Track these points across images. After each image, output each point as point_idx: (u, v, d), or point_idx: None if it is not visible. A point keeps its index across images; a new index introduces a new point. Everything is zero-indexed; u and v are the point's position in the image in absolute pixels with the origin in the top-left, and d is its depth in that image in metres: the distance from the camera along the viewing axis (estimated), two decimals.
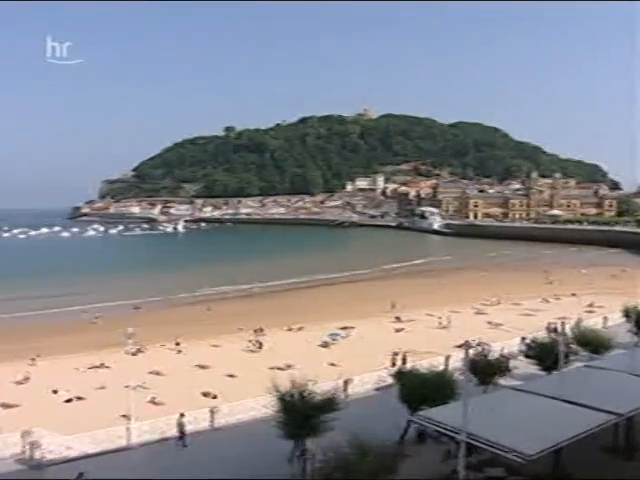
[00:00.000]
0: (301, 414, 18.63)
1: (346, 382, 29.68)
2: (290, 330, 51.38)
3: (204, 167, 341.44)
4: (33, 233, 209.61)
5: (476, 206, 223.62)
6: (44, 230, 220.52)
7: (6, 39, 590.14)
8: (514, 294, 65.71)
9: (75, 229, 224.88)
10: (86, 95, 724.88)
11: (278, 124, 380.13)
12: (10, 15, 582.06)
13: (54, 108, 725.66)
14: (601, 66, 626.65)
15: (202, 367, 39.54)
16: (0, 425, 27.26)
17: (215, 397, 31.79)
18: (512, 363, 27.72)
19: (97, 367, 39.97)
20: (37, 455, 22.33)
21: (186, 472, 20.75)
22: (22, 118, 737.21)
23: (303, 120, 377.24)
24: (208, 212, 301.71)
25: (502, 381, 25.64)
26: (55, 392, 34.34)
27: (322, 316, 56.32)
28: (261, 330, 48.85)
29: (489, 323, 51.94)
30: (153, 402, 31.48)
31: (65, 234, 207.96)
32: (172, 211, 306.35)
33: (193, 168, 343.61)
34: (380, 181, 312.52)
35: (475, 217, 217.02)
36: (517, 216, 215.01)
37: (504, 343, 36.34)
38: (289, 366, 37.45)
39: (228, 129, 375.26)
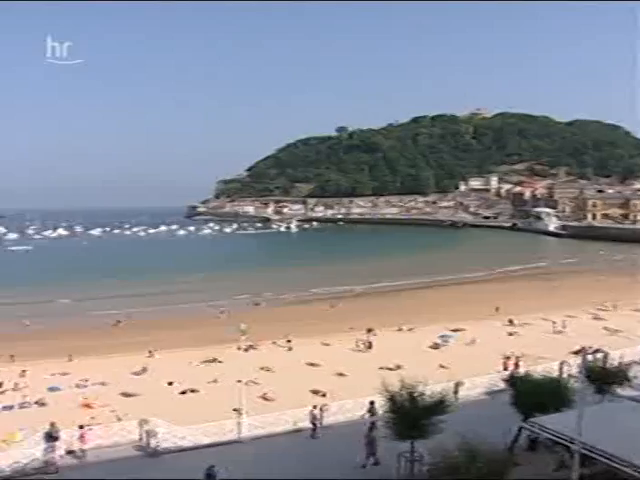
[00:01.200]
0: (410, 415, 18.09)
1: (457, 385, 28.62)
2: (400, 330, 50.66)
3: (317, 167, 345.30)
4: (152, 231, 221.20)
5: (594, 207, 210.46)
6: (162, 228, 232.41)
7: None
8: (634, 300, 61.16)
9: (191, 227, 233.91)
10: (209, 99, 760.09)
11: (390, 124, 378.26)
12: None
13: (179, 112, 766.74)
14: None
15: (312, 365, 39.70)
16: (120, 413, 28.73)
17: (324, 395, 31.69)
18: (632, 372, 25.47)
19: (210, 361, 41.19)
20: (153, 443, 23.06)
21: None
22: (149, 124, 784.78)
23: (415, 120, 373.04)
24: (320, 212, 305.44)
25: (620, 391, 23.74)
26: (170, 384, 35.72)
27: (433, 317, 55.14)
28: (371, 330, 48.38)
29: (607, 329, 48.64)
30: (264, 397, 31.88)
31: (182, 232, 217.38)
32: (285, 210, 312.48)
33: (306, 168, 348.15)
34: (494, 181, 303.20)
35: (593, 218, 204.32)
36: (639, 217, 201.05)
37: (623, 351, 33.61)
38: (399, 367, 36.84)
39: (340, 129, 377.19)
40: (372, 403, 24.24)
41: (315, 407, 25.44)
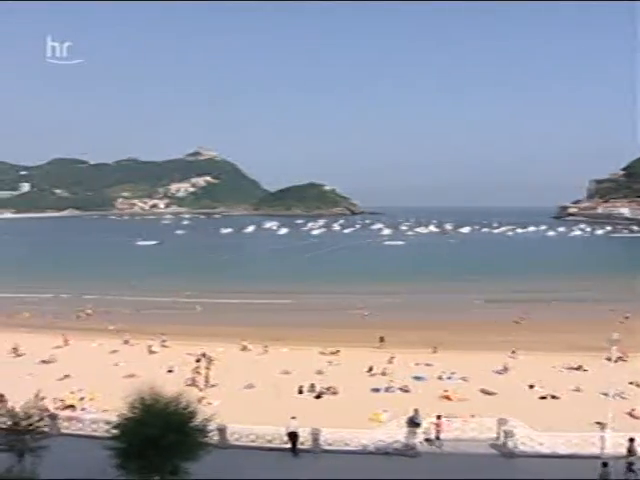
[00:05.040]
0: None
1: None
2: None
3: None
4: (520, 231, 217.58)
5: None
6: (531, 228, 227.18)
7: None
8: None
9: (561, 228, 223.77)
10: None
11: None
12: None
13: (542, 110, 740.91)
14: None
15: None
16: (478, 409, 29.31)
17: None
18: None
19: (574, 369, 39.20)
20: (510, 444, 22.97)
21: None
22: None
23: None
24: None
25: None
26: (531, 387, 34.96)
27: None
28: None
29: None
30: (631, 414, 29.13)
31: (551, 233, 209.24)
32: None
33: None
34: None
35: None
36: None
37: None
38: None
39: None
40: None
41: None
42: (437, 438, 23.82)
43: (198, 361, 41.90)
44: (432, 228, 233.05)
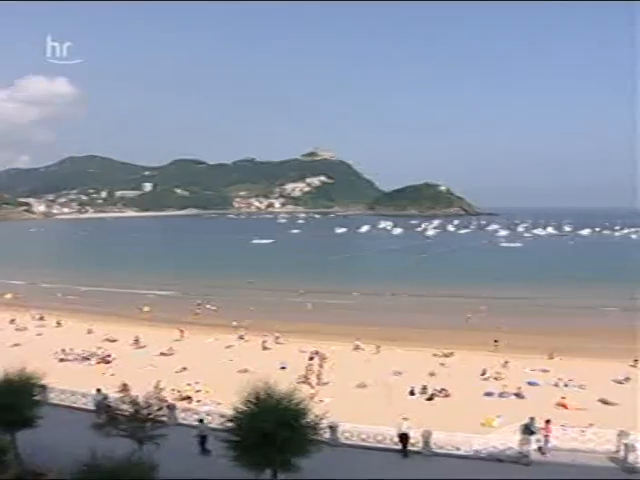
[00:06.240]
0: None
1: None
2: None
3: None
4: None
5: None
6: None
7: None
8: None
9: None
10: None
11: None
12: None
13: None
14: None
15: None
16: (597, 419, 28.06)
17: None
18: None
19: None
20: (631, 458, 21.94)
21: None
22: None
23: None
24: None
25: None
26: None
27: None
28: None
29: None
30: None
31: None
32: None
33: None
34: None
35: None
36: None
37: None
38: None
39: None
40: None
41: None
42: (546, 446, 23.13)
43: (311, 359, 42.97)
44: (550, 230, 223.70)
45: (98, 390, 29.30)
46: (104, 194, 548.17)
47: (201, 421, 23.84)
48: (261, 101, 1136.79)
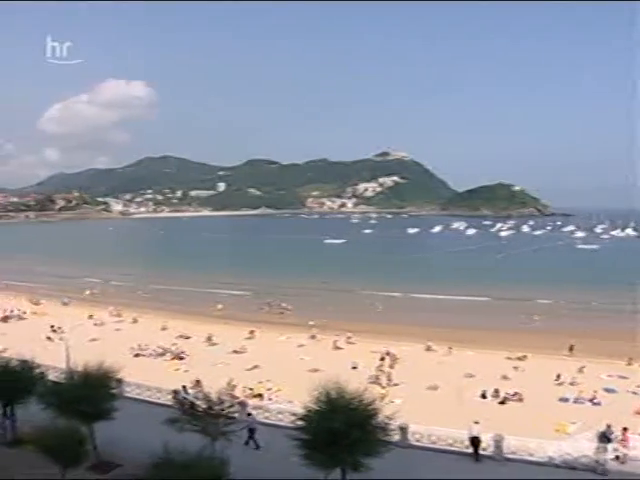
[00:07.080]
0: None
1: None
2: None
3: None
4: None
5: None
6: None
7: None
8: None
9: None
10: None
11: None
12: None
13: None
14: None
15: None
16: None
17: None
18: None
19: None
20: None
21: None
22: None
23: None
24: None
25: None
26: None
27: None
28: None
29: None
30: None
31: None
32: None
33: None
34: None
35: None
36: None
37: None
38: None
39: None
40: None
41: None
42: (624, 455, 22.04)
43: (382, 359, 42.78)
44: (629, 231, 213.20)
45: (184, 387, 30.32)
46: (179, 194, 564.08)
47: (249, 414, 24.13)
48: (334, 102, 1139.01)
